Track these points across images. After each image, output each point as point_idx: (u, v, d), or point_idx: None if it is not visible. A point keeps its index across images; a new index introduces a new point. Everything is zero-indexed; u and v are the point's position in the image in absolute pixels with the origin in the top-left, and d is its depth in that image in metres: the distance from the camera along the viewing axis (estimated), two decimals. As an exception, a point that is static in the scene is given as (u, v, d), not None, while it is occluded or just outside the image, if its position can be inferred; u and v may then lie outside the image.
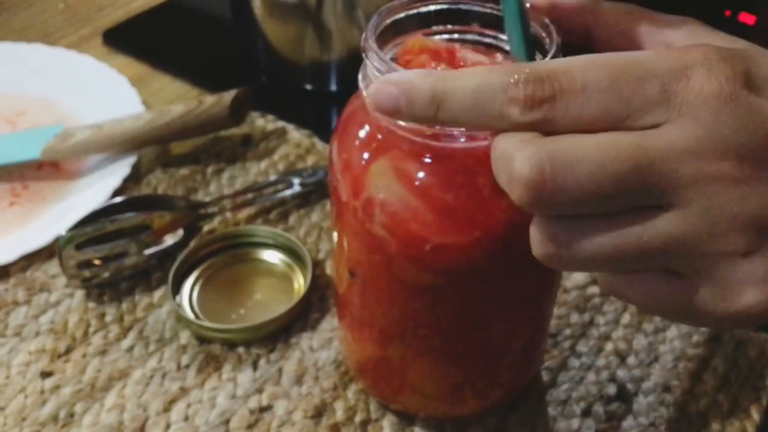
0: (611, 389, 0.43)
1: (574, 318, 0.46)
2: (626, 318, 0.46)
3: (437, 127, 0.30)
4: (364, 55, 0.30)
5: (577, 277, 0.48)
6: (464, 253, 0.31)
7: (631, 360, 0.44)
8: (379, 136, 0.32)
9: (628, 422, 0.42)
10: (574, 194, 0.25)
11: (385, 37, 0.32)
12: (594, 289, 0.48)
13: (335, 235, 0.37)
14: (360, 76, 0.32)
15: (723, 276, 0.26)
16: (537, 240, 0.27)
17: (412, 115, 0.27)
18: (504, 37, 0.33)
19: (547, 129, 0.25)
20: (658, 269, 0.27)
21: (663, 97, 0.25)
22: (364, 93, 0.31)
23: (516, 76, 0.25)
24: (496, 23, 0.33)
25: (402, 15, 0.33)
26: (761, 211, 0.25)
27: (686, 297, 0.27)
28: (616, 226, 0.26)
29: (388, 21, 0.32)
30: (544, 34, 0.31)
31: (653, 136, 0.25)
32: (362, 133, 0.33)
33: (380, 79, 0.28)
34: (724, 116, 0.25)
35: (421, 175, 0.31)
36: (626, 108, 0.25)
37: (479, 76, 0.26)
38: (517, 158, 0.25)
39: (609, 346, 0.45)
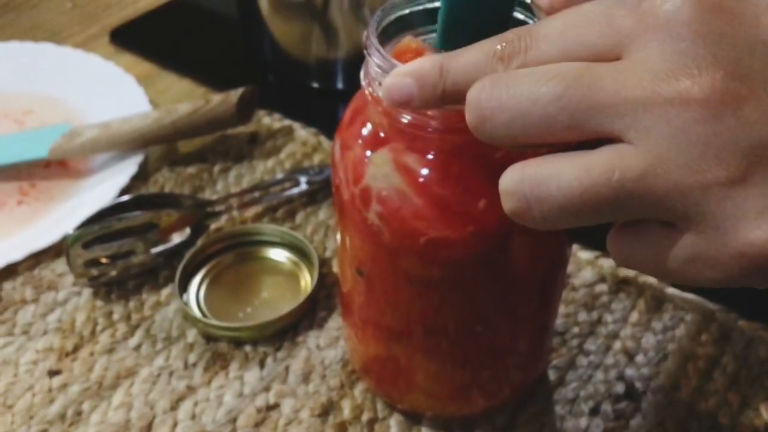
0: (620, 388, 0.43)
1: (582, 316, 0.46)
2: (635, 316, 0.46)
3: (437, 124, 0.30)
4: (366, 52, 0.30)
5: (586, 275, 0.48)
6: (459, 248, 0.31)
7: (640, 358, 0.44)
8: (382, 134, 0.32)
9: (636, 421, 0.41)
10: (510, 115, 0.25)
11: (387, 34, 0.32)
12: (602, 287, 0.48)
13: (339, 234, 0.37)
14: (362, 74, 0.32)
15: (713, 213, 0.23)
16: (505, 199, 0.26)
17: (424, 98, 0.27)
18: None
19: None
20: (654, 223, 0.25)
21: (610, 30, 0.24)
22: (367, 91, 0.31)
23: (501, 40, 0.26)
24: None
25: (406, 11, 0.32)
26: (744, 135, 0.23)
27: (687, 245, 0.24)
28: (581, 166, 0.24)
29: (391, 18, 0.32)
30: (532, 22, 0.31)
31: (605, 65, 0.24)
32: (365, 131, 0.33)
33: (391, 72, 0.28)
34: (691, 29, 0.23)
35: (420, 169, 0.31)
36: (582, 46, 0.25)
37: (476, 47, 0.27)
38: None
39: (617, 345, 0.45)
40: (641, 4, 0.24)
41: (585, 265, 0.49)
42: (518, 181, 0.25)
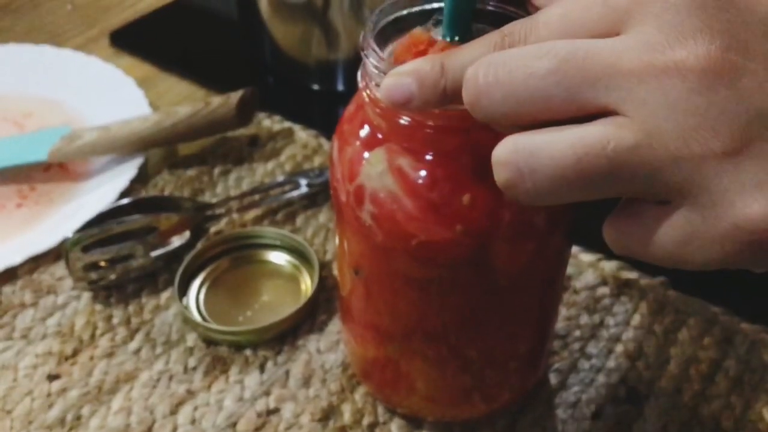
0: (622, 391, 0.42)
1: (584, 319, 0.46)
2: (637, 319, 0.46)
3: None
4: (363, 53, 0.30)
5: (588, 278, 0.48)
6: (451, 248, 0.31)
7: (642, 362, 0.44)
8: (379, 135, 0.32)
9: (638, 425, 0.41)
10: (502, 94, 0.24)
11: (385, 36, 0.32)
12: (604, 290, 0.47)
13: (337, 237, 0.36)
14: (359, 76, 0.32)
15: (708, 186, 0.23)
16: (498, 171, 0.25)
17: (424, 97, 0.27)
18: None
19: None
20: (649, 204, 0.24)
21: (607, 9, 0.24)
22: (364, 92, 0.31)
23: (502, 33, 0.26)
24: (498, 21, 0.33)
25: (403, 13, 0.32)
26: (740, 107, 0.22)
27: (681, 222, 0.24)
28: (575, 136, 0.24)
29: (388, 19, 0.32)
30: None
31: (601, 40, 0.24)
32: (362, 132, 0.33)
33: (390, 73, 0.28)
34: (687, 2, 0.23)
35: (412, 170, 0.31)
36: (582, 28, 0.25)
37: (476, 42, 0.27)
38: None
39: (619, 348, 0.44)
40: None
41: (586, 267, 0.48)
42: (511, 151, 0.25)
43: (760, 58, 0.23)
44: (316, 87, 0.65)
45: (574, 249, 0.48)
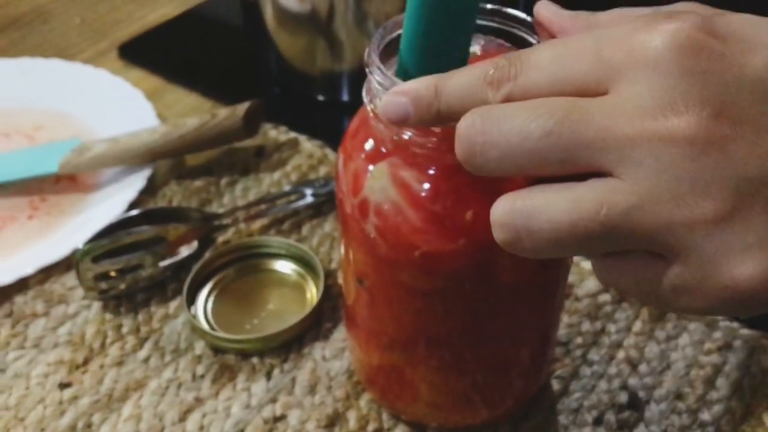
0: (623, 397, 0.43)
1: (586, 326, 0.46)
2: (638, 326, 0.46)
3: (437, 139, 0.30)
4: (367, 69, 0.30)
5: (589, 285, 0.48)
6: (453, 259, 0.32)
7: (643, 368, 0.44)
8: (383, 149, 0.32)
9: (639, 430, 0.42)
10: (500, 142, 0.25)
11: (390, 51, 0.32)
12: (606, 297, 0.48)
13: (342, 247, 0.37)
14: (364, 91, 0.32)
15: (699, 248, 0.23)
16: (496, 231, 0.26)
17: (419, 116, 0.28)
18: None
19: (512, 100, 0.26)
20: (642, 251, 0.25)
21: (600, 64, 0.25)
22: (369, 107, 0.32)
23: (492, 65, 0.27)
24: (504, 37, 0.34)
25: None
26: (730, 172, 0.23)
27: (673, 276, 0.25)
28: (570, 200, 0.24)
29: (393, 36, 0.32)
30: (532, 39, 0.32)
31: (593, 100, 0.24)
32: (367, 146, 0.33)
33: (389, 91, 0.29)
34: (679, 66, 0.23)
35: (415, 182, 0.31)
36: (571, 78, 0.25)
37: (469, 70, 0.28)
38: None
39: (621, 354, 0.45)
40: (630, 39, 0.25)
41: (588, 275, 0.49)
42: (509, 212, 0.26)
43: (749, 121, 0.23)
44: (321, 98, 0.65)
45: (576, 257, 0.49)
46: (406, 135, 0.31)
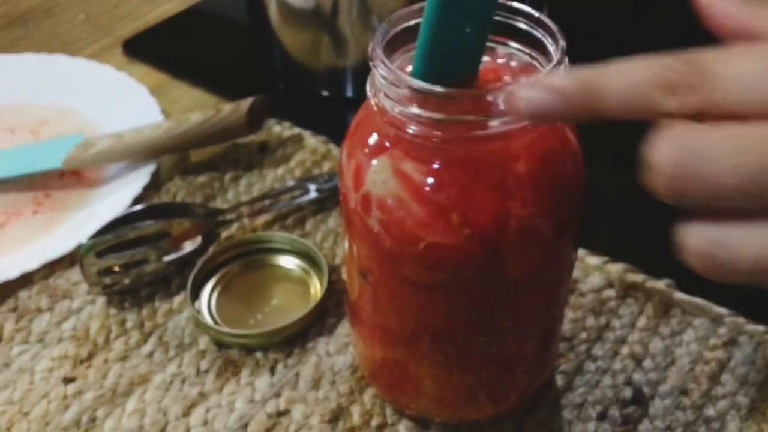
0: (627, 393, 0.43)
1: (590, 321, 0.46)
2: (642, 321, 0.46)
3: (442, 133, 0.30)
4: (371, 64, 0.30)
5: (594, 281, 0.48)
6: (457, 252, 0.32)
7: (648, 363, 0.44)
8: (387, 144, 0.32)
9: (644, 425, 0.41)
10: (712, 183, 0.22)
11: (394, 46, 0.32)
12: (610, 292, 0.48)
13: (346, 242, 0.37)
14: (368, 86, 0.32)
15: None
16: (690, 249, 0.24)
17: (570, 113, 0.25)
18: (515, 45, 0.33)
19: (704, 118, 0.23)
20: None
21: None
22: (373, 101, 0.32)
23: (660, 66, 0.24)
24: (511, 32, 0.33)
25: (411, 23, 0.33)
26: None
27: None
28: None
29: (397, 30, 0.32)
30: (549, 40, 0.31)
31: None
32: (371, 140, 0.33)
33: (531, 84, 0.26)
34: None
35: (417, 175, 0.31)
36: None
37: (626, 66, 0.24)
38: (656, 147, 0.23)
39: (625, 350, 0.45)
40: None
41: (593, 270, 0.49)
42: (705, 243, 0.23)
43: None
44: (325, 93, 0.65)
45: (581, 252, 0.49)
46: (410, 129, 0.31)
